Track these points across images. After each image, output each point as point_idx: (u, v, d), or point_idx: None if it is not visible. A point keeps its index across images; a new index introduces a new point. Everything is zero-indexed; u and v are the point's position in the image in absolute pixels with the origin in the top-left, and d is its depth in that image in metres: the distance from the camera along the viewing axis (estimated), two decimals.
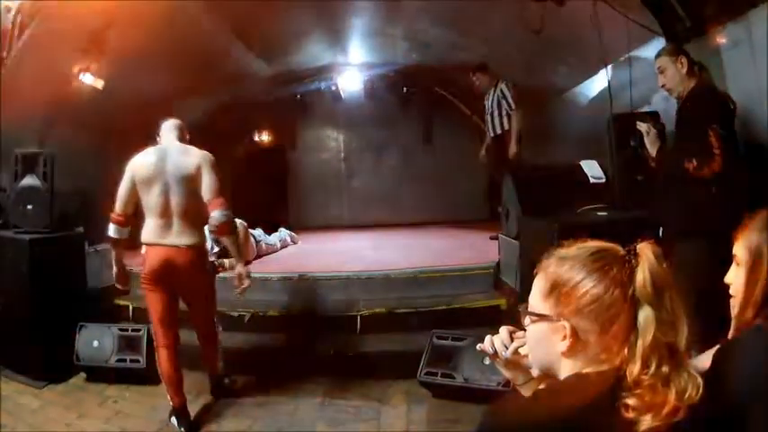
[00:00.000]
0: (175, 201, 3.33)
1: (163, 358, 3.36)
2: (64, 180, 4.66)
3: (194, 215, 3.39)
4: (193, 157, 3.38)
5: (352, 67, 8.81)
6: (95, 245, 5.01)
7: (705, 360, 1.49)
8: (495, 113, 6.12)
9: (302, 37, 7.03)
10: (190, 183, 3.34)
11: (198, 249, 3.44)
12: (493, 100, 6.13)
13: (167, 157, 3.37)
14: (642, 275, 1.08)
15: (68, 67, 5.43)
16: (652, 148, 3.14)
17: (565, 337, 1.12)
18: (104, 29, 5.15)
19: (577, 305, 1.11)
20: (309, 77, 9.10)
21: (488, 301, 4.55)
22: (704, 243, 2.71)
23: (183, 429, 3.31)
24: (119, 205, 3.40)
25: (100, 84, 5.68)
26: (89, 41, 5.24)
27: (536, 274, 1.22)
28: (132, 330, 4.16)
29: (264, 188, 10.00)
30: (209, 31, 5.84)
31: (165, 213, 3.33)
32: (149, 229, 3.36)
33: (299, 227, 9.66)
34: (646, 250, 1.11)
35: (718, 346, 1.50)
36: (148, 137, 3.72)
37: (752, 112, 3.20)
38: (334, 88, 9.31)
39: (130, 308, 4.91)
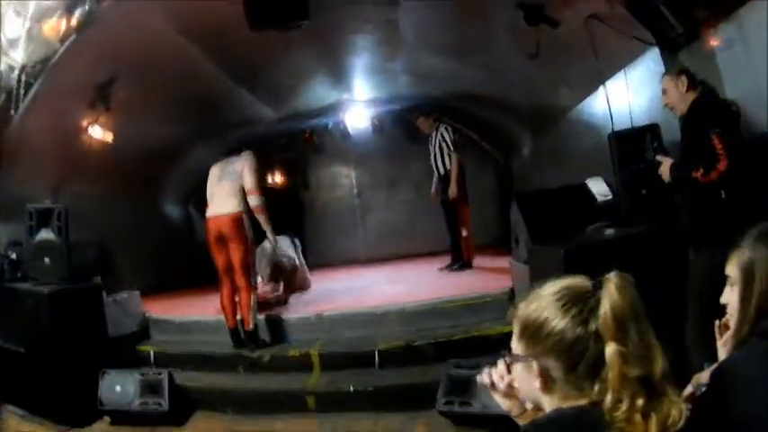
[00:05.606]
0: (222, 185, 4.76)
1: (223, 294, 4.74)
2: (80, 231, 4.77)
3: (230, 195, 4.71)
4: (240, 158, 4.88)
5: (357, 104, 8.87)
6: (113, 294, 5.09)
7: (707, 376, 1.49)
8: (438, 155, 6.60)
9: (304, 79, 7.12)
10: (233, 174, 4.78)
11: (232, 216, 4.64)
12: (435, 143, 6.57)
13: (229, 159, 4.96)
14: (603, 311, 1.06)
15: (77, 121, 5.60)
16: (668, 178, 3.22)
17: (536, 376, 1.13)
18: (110, 82, 5.31)
19: (544, 345, 1.12)
20: (316, 117, 9.19)
21: (504, 327, 4.49)
22: (716, 252, 2.68)
23: (234, 344, 4.71)
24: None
25: (109, 136, 5.84)
26: (95, 95, 5.39)
27: (510, 318, 1.23)
28: (154, 374, 4.22)
29: (280, 229, 10.06)
30: (213, 80, 6.00)
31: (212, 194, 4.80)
32: (209, 207, 4.81)
33: (316, 265, 9.70)
34: (609, 284, 1.09)
35: (716, 364, 1.50)
36: (160, 186, 3.96)
37: (751, 111, 3.18)
38: (341, 126, 9.43)
39: (152, 353, 4.97)
